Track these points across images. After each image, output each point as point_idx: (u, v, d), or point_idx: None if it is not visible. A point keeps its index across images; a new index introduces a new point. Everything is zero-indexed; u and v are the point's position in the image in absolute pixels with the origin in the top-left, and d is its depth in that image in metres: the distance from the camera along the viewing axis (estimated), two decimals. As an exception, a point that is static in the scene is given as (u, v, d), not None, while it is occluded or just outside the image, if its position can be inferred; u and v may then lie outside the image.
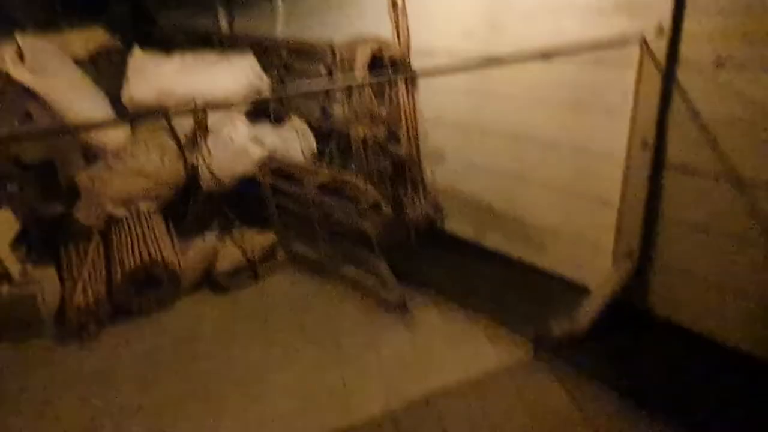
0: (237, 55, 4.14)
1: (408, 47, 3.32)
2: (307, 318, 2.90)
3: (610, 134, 2.39)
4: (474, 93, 2.95)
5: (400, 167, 3.31)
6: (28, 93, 3.47)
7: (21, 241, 3.21)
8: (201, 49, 4.66)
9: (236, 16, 4.99)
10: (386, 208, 2.76)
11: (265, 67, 4.22)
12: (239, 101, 3.87)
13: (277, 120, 4.02)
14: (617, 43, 2.23)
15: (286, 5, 4.39)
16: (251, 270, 3.22)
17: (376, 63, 3.36)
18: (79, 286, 2.93)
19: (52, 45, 3.88)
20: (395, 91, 3.36)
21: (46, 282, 3.02)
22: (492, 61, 2.53)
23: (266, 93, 4.04)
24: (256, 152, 3.51)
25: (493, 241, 3.08)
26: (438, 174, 3.31)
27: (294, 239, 3.47)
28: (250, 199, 3.60)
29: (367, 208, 2.77)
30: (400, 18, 3.33)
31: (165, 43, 5.13)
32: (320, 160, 3.79)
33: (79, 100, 3.62)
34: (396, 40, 3.35)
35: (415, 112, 3.34)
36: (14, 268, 2.95)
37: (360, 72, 3.32)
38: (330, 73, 3.78)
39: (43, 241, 3.34)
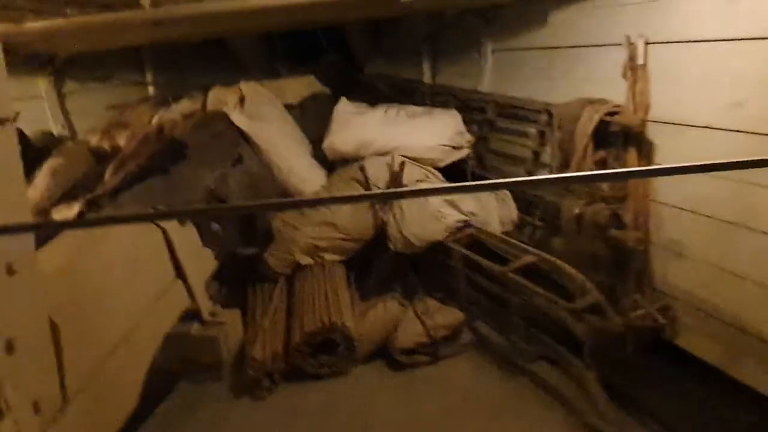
0: (440, 109, 3.95)
1: (646, 115, 2.79)
2: (491, 418, 2.47)
3: None
4: (744, 180, 2.31)
5: (620, 257, 2.75)
6: (243, 136, 3.64)
7: (214, 279, 3.29)
8: (402, 99, 4.61)
9: (440, 67, 4.87)
10: (614, 318, 2.24)
11: (467, 122, 3.98)
12: (438, 158, 3.65)
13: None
14: None
15: (496, 58, 4.13)
16: (431, 349, 2.89)
17: (600, 130, 2.90)
18: (260, 337, 2.87)
19: (269, 92, 4.07)
20: (624, 165, 2.84)
21: (231, 326, 3.01)
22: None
23: (466, 151, 3.77)
24: (451, 217, 3.22)
25: (750, 376, 2.33)
26: (672, 273, 2.68)
27: (481, 320, 3.08)
28: (437, 266, 3.31)
29: (583, 309, 2.29)
30: (639, 79, 2.83)
31: (369, 91, 5.20)
32: (520, 232, 3.38)
33: (284, 146, 3.71)
34: (631, 105, 2.85)
35: (647, 193, 2.78)
36: (205, 307, 2.98)
37: (583, 140, 2.88)
38: (542, 136, 3.39)
39: (234, 282, 3.40)
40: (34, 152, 4.10)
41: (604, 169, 2.91)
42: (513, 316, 2.81)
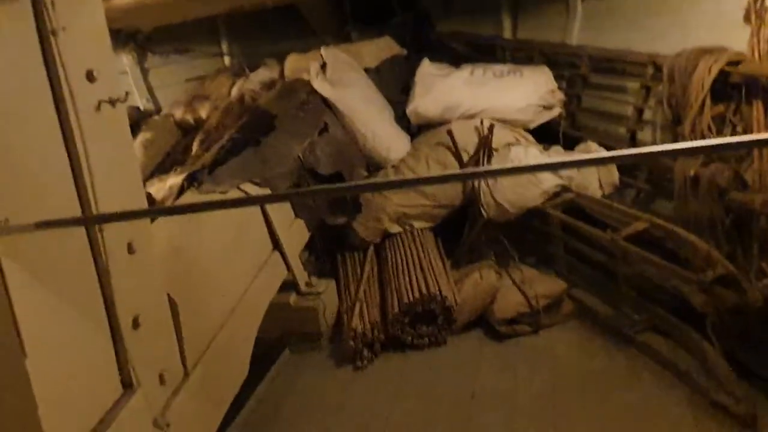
0: (530, 67, 3.74)
1: (774, 63, 2.51)
2: (602, 389, 2.37)
3: None
4: None
5: (743, 222, 2.52)
6: (326, 104, 3.58)
7: (305, 249, 3.31)
8: (480, 57, 4.40)
9: (522, 21, 4.59)
10: (752, 291, 2.06)
11: (556, 79, 3.74)
12: (529, 119, 3.48)
13: (568, 143, 3.50)
14: None
15: (587, 7, 3.83)
16: (532, 319, 2.80)
17: (716, 82, 2.64)
18: (357, 307, 2.87)
19: (349, 56, 3.97)
20: (746, 121, 2.59)
21: (327, 295, 3.04)
22: None
23: (558, 111, 3.56)
24: (548, 181, 3.07)
25: None
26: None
27: (582, 288, 2.95)
28: (531, 233, 3.19)
29: (711, 281, 2.11)
30: (766, 23, 2.54)
31: (443, 51, 5.00)
32: (621, 195, 3.18)
33: (368, 113, 3.62)
34: (756, 53, 2.57)
35: (774, 149, 2.52)
36: (302, 277, 3.02)
37: (699, 94, 2.63)
38: (647, 90, 3.14)
39: (323, 251, 3.41)
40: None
41: (723, 125, 2.68)
42: (620, 285, 2.67)
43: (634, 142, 3.18)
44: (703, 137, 2.61)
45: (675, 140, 2.83)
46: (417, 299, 2.72)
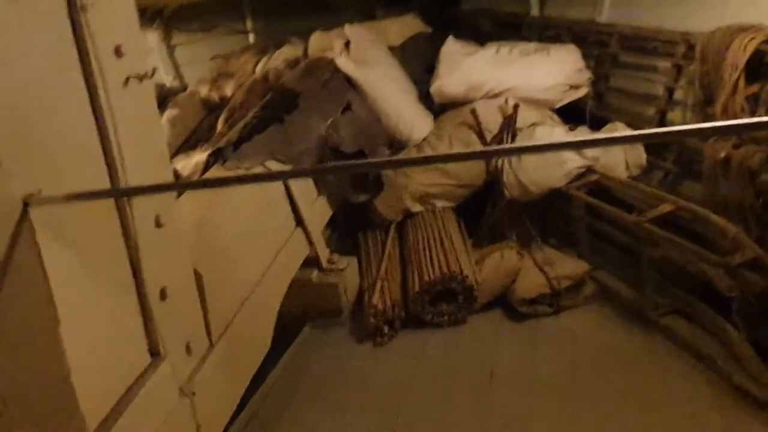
0: (557, 45, 3.66)
1: (814, 40, 2.43)
2: (622, 370, 2.37)
3: None
4: None
5: (774, 204, 2.47)
6: (350, 82, 3.57)
7: (327, 226, 3.33)
8: (506, 35, 4.32)
9: (550, -3, 4.49)
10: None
11: (584, 58, 3.66)
12: (555, 99, 3.42)
13: (595, 124, 3.44)
14: None
15: (617, -17, 3.72)
16: (553, 299, 2.79)
17: (751, 61, 2.56)
18: (378, 285, 2.90)
19: (373, 34, 3.94)
20: (782, 100, 2.51)
21: (348, 272, 3.07)
22: None
23: (585, 90, 3.50)
24: (573, 162, 3.02)
25: None
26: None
27: (604, 270, 2.92)
28: (554, 214, 3.16)
29: (739, 264, 2.08)
30: (806, 0, 2.45)
31: (468, 29, 4.92)
32: (648, 177, 3.13)
33: (392, 91, 3.60)
34: (794, 30, 2.48)
35: (810, 131, 2.45)
36: (324, 254, 3.05)
37: (733, 72, 2.56)
38: (678, 69, 3.06)
39: (345, 229, 3.44)
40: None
41: (756, 106, 2.60)
42: (644, 267, 2.64)
43: (663, 123, 3.11)
44: (735, 118, 2.54)
45: (706, 121, 2.76)
46: (438, 278, 2.73)
